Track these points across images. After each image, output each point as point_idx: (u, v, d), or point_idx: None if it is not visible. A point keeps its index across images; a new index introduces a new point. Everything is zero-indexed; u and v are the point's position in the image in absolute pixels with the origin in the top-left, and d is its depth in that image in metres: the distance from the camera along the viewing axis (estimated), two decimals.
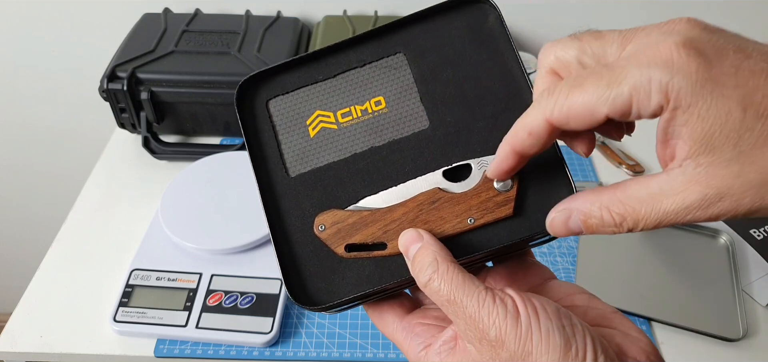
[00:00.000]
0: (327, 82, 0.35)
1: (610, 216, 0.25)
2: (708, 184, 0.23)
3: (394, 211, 0.31)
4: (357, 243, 0.31)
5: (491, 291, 0.26)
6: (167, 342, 0.61)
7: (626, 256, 0.71)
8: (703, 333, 0.62)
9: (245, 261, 0.66)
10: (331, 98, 0.34)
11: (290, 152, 0.33)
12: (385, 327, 0.31)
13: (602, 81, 0.24)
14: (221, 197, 0.71)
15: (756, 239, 0.72)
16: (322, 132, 0.34)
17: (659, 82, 0.22)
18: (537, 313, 0.25)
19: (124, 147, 0.86)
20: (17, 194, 1.29)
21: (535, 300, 0.26)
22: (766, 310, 0.66)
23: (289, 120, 0.34)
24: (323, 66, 0.35)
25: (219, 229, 0.67)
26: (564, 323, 0.25)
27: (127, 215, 0.75)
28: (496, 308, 0.25)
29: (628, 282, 0.68)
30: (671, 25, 0.24)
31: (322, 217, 0.32)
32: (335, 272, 0.31)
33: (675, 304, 0.65)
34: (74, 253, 0.71)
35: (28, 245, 1.31)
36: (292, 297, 0.30)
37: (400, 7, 0.96)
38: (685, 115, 0.22)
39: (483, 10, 0.35)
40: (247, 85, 0.35)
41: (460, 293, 0.26)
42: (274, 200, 0.33)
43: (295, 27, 0.91)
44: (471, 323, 0.26)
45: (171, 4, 0.94)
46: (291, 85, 0.35)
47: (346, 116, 0.34)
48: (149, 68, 0.80)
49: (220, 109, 0.81)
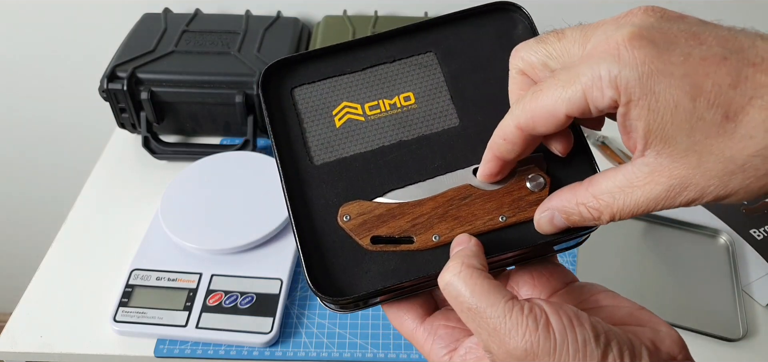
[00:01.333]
0: (355, 74, 0.35)
1: (588, 212, 0.26)
2: (671, 175, 0.23)
3: (423, 205, 0.30)
4: (383, 235, 0.30)
5: (519, 301, 0.24)
6: (167, 342, 0.61)
7: (626, 256, 0.71)
8: (703, 333, 0.62)
9: (245, 261, 0.66)
10: (358, 90, 0.34)
11: (315, 140, 0.33)
12: (404, 326, 0.30)
13: (559, 83, 0.24)
14: (221, 197, 0.71)
15: (756, 239, 0.72)
16: (348, 123, 0.33)
17: (608, 77, 0.22)
18: (572, 324, 0.23)
19: (124, 147, 0.86)
20: (17, 194, 1.29)
21: (567, 310, 0.24)
22: (766, 310, 0.66)
23: (315, 109, 0.34)
24: (351, 59, 0.35)
25: (219, 229, 0.67)
26: (599, 331, 0.24)
27: (127, 215, 0.75)
28: (525, 320, 0.23)
29: (628, 282, 0.68)
30: (627, 17, 0.24)
31: (347, 207, 0.31)
32: (359, 264, 0.30)
33: (675, 304, 0.65)
34: (74, 253, 0.71)
35: (28, 245, 1.31)
36: (313, 287, 0.29)
37: (401, 7, 0.96)
38: (637, 107, 0.22)
39: (513, 18, 0.36)
40: (271, 72, 0.34)
41: (484, 302, 0.24)
42: (297, 187, 0.32)
43: (295, 27, 0.91)
44: (495, 335, 0.24)
45: (171, 4, 0.94)
46: (317, 75, 0.35)
47: (373, 109, 0.34)
48: (149, 68, 0.80)
49: (220, 109, 0.81)
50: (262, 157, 0.76)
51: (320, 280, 0.29)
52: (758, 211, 0.76)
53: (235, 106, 0.79)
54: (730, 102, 0.21)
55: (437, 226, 0.30)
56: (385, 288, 0.29)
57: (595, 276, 0.68)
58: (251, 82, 0.79)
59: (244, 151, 0.80)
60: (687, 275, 0.69)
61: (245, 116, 0.80)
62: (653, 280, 0.68)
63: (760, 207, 0.77)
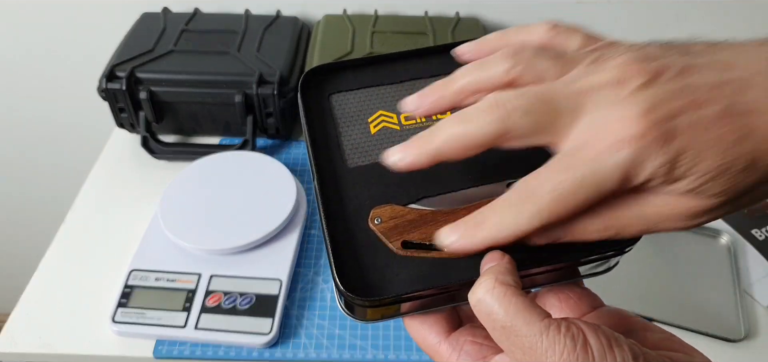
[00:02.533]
0: (393, 86, 0.35)
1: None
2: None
3: (457, 214, 0.30)
4: (414, 241, 0.29)
5: (555, 320, 0.23)
6: (166, 342, 0.60)
7: (627, 255, 0.71)
8: (703, 334, 0.62)
9: (245, 262, 0.65)
10: (395, 101, 0.34)
11: (349, 144, 0.33)
12: (427, 340, 0.29)
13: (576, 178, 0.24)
14: (221, 197, 0.70)
15: (757, 239, 0.72)
16: (383, 130, 0.34)
17: (626, 169, 0.23)
18: (611, 345, 0.22)
19: (123, 147, 0.86)
20: (16, 194, 1.29)
21: (605, 331, 0.23)
22: (767, 311, 0.65)
23: (351, 115, 0.34)
24: (390, 71, 0.35)
25: (219, 229, 0.67)
26: (637, 354, 0.23)
27: (126, 215, 0.74)
28: (562, 339, 0.22)
29: (629, 282, 0.68)
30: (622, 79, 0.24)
31: (379, 210, 0.30)
32: (389, 267, 0.29)
33: (675, 304, 0.65)
34: (73, 254, 0.70)
35: (28, 245, 1.31)
36: (343, 286, 0.28)
37: (401, 7, 0.95)
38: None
39: None
40: (311, 75, 0.35)
41: (519, 320, 0.23)
42: (330, 186, 0.32)
43: (295, 26, 0.91)
44: (530, 354, 0.23)
45: (170, 4, 0.94)
46: (355, 83, 0.35)
47: (409, 120, 0.34)
48: (148, 68, 0.80)
49: (219, 108, 0.81)
50: (261, 157, 0.76)
51: (349, 280, 0.29)
52: (760, 212, 0.76)
53: (234, 105, 0.79)
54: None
55: None
56: (416, 291, 0.28)
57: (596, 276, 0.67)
58: (251, 82, 0.78)
59: (243, 150, 0.80)
60: (688, 275, 0.69)
61: (244, 116, 0.80)
62: (654, 280, 0.68)
63: (761, 208, 0.77)
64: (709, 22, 0.95)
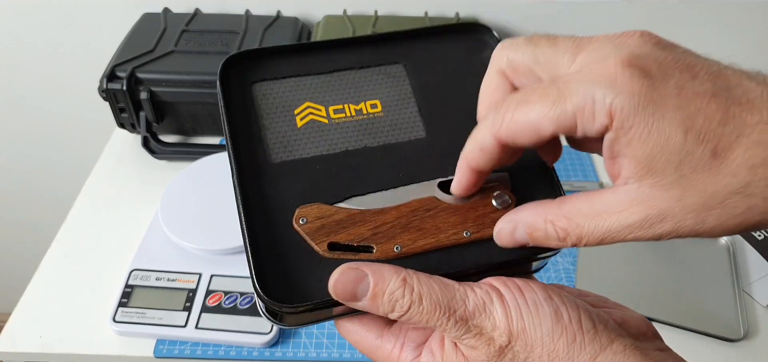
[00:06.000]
0: (321, 76, 0.33)
1: (554, 231, 0.25)
2: (650, 205, 0.22)
3: (387, 214, 0.29)
4: (341, 242, 0.28)
5: (468, 285, 0.26)
6: (167, 342, 0.61)
7: (627, 256, 0.71)
8: (703, 334, 0.62)
9: (245, 262, 0.65)
10: (323, 93, 0.33)
11: (274, 138, 0.31)
12: (364, 341, 0.29)
13: (548, 98, 0.23)
14: (221, 197, 0.70)
15: (757, 239, 0.72)
16: (311, 123, 0.32)
17: (603, 101, 0.22)
18: (521, 291, 0.25)
19: (124, 147, 0.86)
20: (16, 194, 1.29)
21: (515, 281, 0.26)
22: (766, 310, 0.65)
23: (276, 106, 0.32)
24: (317, 60, 0.34)
25: (219, 229, 0.67)
26: (551, 294, 0.25)
27: (127, 215, 0.74)
28: (480, 298, 0.25)
29: (629, 282, 0.68)
30: (623, 38, 0.24)
31: (305, 210, 0.29)
32: (313, 271, 0.27)
33: (675, 304, 0.65)
34: (74, 253, 0.70)
35: (28, 245, 1.31)
36: (261, 291, 0.26)
37: (400, 7, 0.96)
38: (627, 135, 0.22)
39: (484, 41, 0.36)
40: (231, 62, 0.33)
41: (445, 297, 0.25)
42: (250, 184, 0.30)
43: (295, 26, 0.91)
44: (461, 324, 0.25)
45: (170, 4, 0.94)
46: (280, 72, 0.33)
47: (338, 113, 0.32)
48: (149, 68, 0.80)
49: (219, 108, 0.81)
50: None
51: (268, 285, 0.27)
52: None
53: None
54: (720, 138, 0.21)
55: (400, 237, 0.28)
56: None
57: (596, 276, 0.68)
58: None
59: None
60: (687, 275, 0.69)
61: None
62: (653, 280, 0.68)
63: None
64: (707, 26, 0.95)
